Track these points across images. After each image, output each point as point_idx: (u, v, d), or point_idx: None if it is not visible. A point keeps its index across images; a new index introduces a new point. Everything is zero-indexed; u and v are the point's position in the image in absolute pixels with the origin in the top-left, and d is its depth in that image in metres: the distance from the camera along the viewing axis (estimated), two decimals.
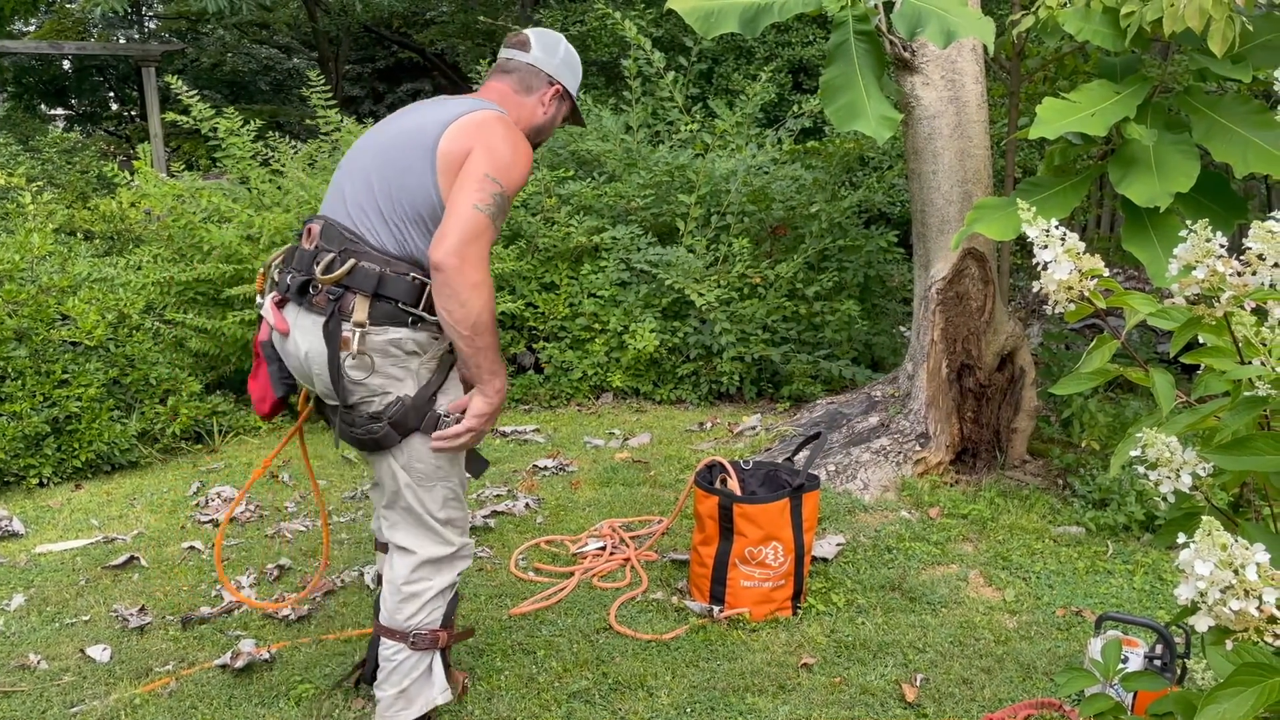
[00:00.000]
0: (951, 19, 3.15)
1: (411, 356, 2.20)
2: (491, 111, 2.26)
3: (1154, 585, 3.19)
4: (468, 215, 2.09)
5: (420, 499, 2.29)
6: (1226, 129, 3.26)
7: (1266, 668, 1.11)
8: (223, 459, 4.73)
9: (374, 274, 2.14)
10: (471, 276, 2.08)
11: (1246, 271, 1.27)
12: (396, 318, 2.16)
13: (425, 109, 2.31)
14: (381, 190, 2.20)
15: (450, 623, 2.39)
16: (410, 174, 2.18)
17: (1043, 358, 4.97)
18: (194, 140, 12.48)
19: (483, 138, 2.19)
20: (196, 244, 5.29)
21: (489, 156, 2.16)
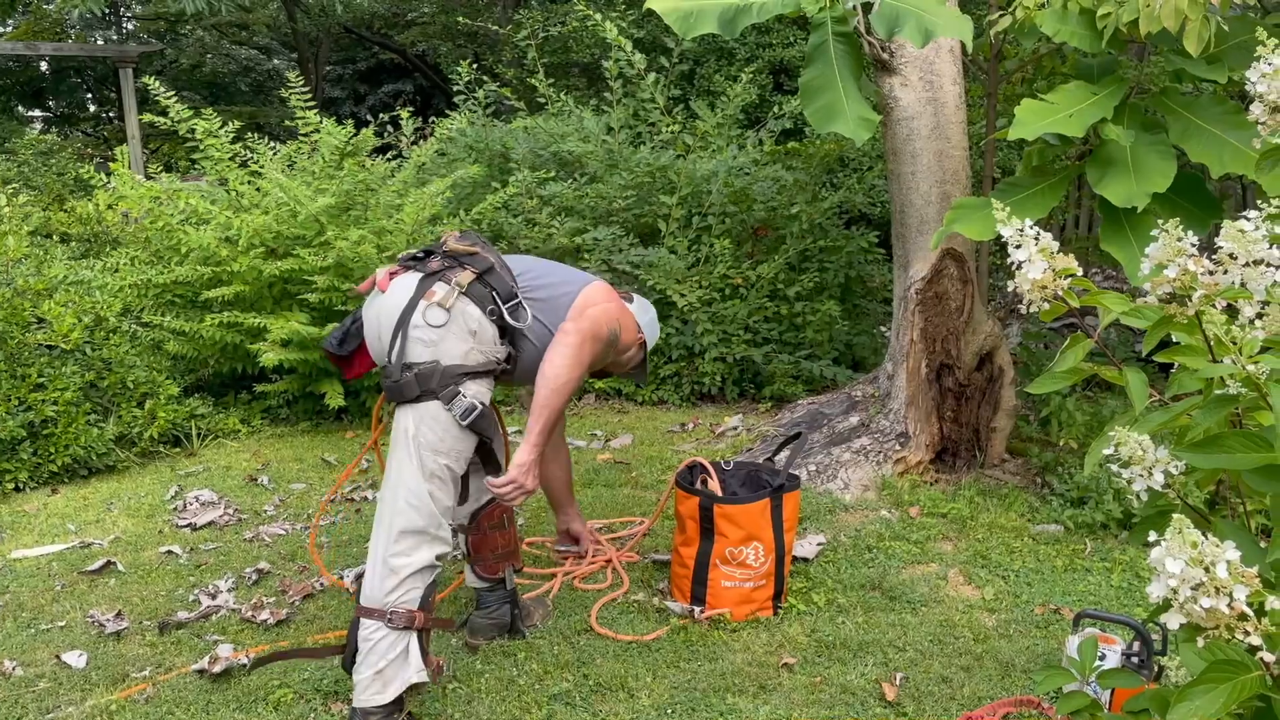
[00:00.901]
0: (929, 18, 3.16)
1: (470, 336, 2.48)
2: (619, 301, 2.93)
3: (1132, 583, 3.21)
4: (600, 322, 2.71)
5: (417, 454, 2.44)
6: (1202, 129, 3.28)
7: (1238, 665, 1.12)
8: (201, 462, 4.70)
9: (488, 262, 2.58)
10: (581, 356, 2.62)
11: (1218, 271, 1.28)
12: (483, 300, 2.51)
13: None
14: (532, 264, 2.81)
15: (428, 607, 2.45)
16: (561, 275, 2.83)
17: (1021, 357, 5.00)
18: (172, 142, 12.41)
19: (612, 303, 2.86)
20: (174, 246, 5.26)
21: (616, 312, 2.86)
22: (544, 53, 9.14)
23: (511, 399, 5.57)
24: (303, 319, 4.92)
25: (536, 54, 7.33)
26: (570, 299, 2.72)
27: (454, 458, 2.50)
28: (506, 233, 5.83)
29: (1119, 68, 3.52)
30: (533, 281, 2.69)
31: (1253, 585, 1.07)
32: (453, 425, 2.46)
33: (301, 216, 5.08)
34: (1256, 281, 1.25)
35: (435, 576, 2.49)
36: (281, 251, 5.11)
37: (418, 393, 2.44)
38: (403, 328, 2.47)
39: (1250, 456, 1.25)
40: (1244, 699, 1.11)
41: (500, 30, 10.43)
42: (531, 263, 2.82)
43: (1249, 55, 1.37)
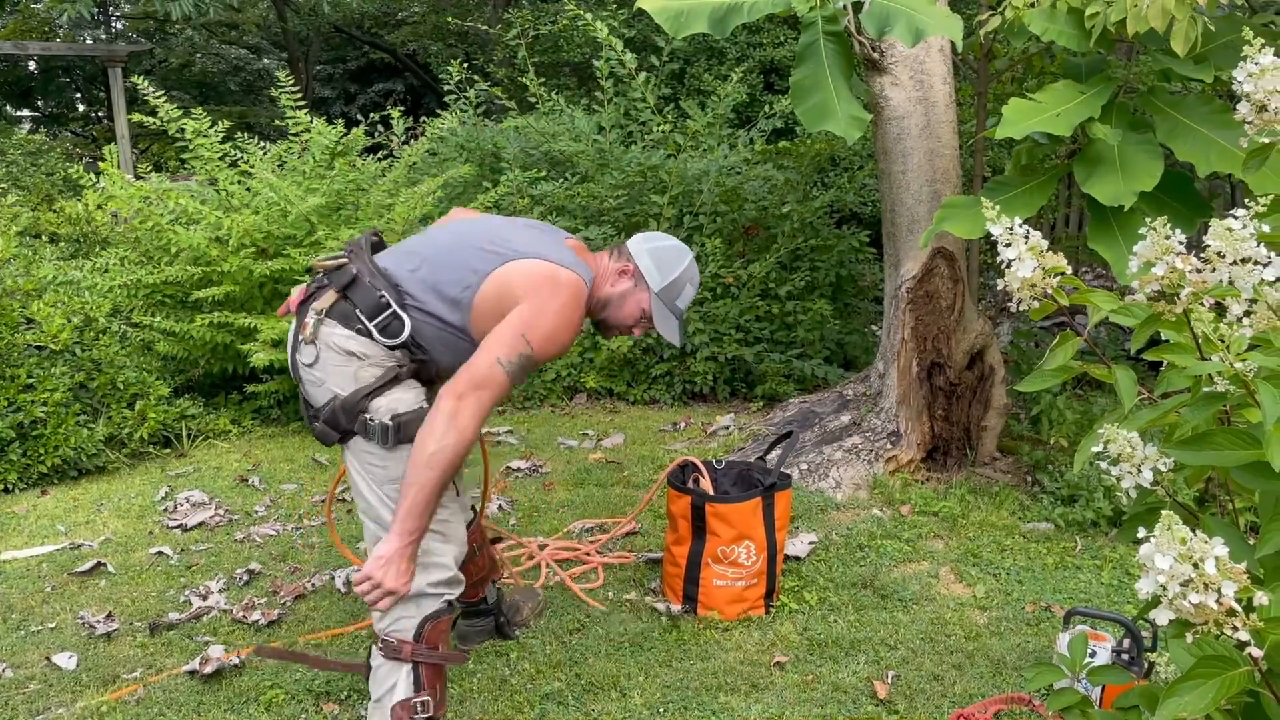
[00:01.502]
0: (920, 17, 3.17)
1: (350, 358, 2.20)
2: (566, 273, 2.25)
3: (1122, 580, 3.23)
4: (485, 365, 2.13)
5: (378, 491, 2.22)
6: (1189, 128, 3.30)
7: (1226, 660, 1.12)
8: (191, 463, 4.68)
9: (350, 275, 2.23)
10: (457, 419, 2.09)
11: (1206, 269, 1.28)
12: (349, 319, 2.21)
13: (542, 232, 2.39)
14: (436, 271, 2.27)
15: (422, 637, 2.22)
16: (464, 263, 2.26)
17: (1012, 356, 5.02)
18: (162, 141, 12.37)
19: (539, 297, 2.21)
20: (164, 246, 5.24)
21: (533, 318, 2.19)
22: (534, 52, 9.14)
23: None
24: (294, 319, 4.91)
25: (527, 53, 7.33)
26: (470, 296, 2.25)
27: None
28: None
29: (1107, 67, 3.53)
30: (428, 277, 2.26)
31: (1241, 581, 1.08)
32: (385, 452, 2.20)
33: (292, 216, 5.07)
34: (1244, 279, 1.25)
35: (435, 606, 2.23)
36: (272, 251, 5.10)
37: (337, 436, 2.22)
38: (294, 366, 2.27)
39: (1238, 453, 1.26)
40: (1233, 694, 1.12)
41: (490, 30, 10.42)
42: (433, 247, 2.34)
43: (1236, 55, 1.38)
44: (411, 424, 2.17)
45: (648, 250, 2.44)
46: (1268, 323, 1.25)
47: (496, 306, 2.23)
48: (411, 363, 2.26)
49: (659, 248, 2.45)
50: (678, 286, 2.44)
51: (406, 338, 2.22)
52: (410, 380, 2.26)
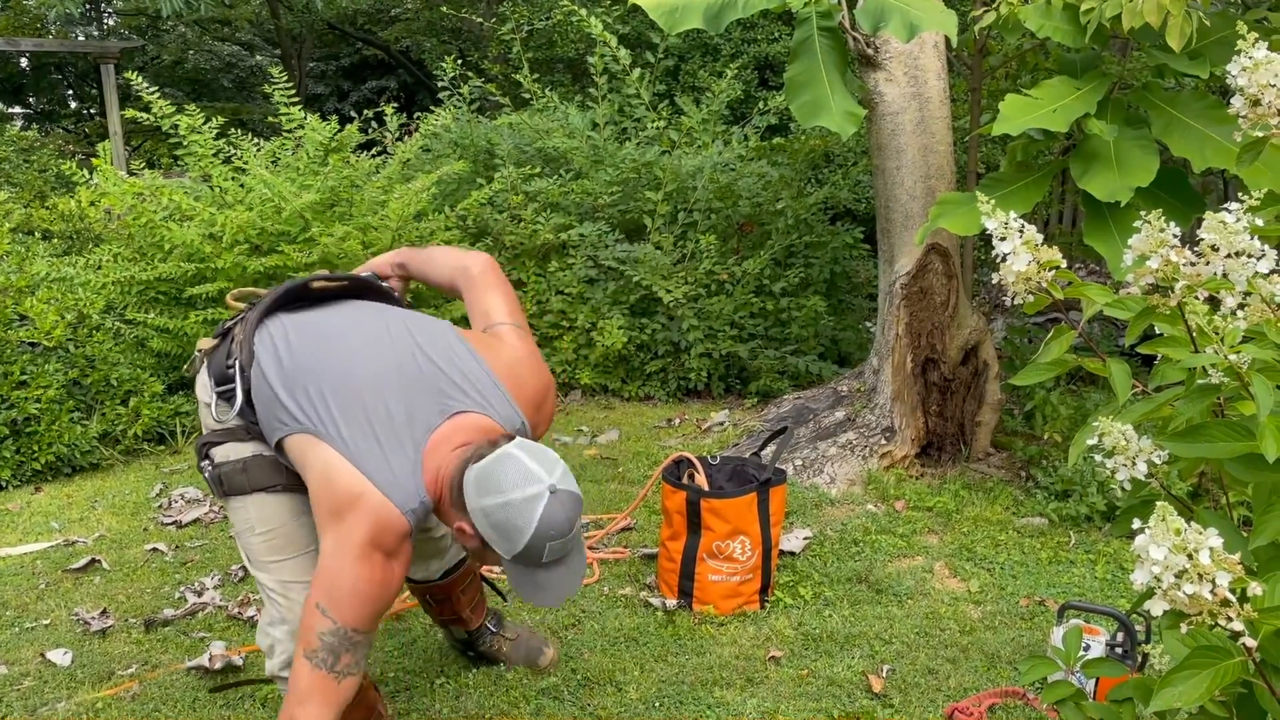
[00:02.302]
0: (914, 13, 3.18)
1: (204, 406, 2.10)
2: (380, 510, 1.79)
3: (1115, 574, 3.24)
4: (297, 671, 1.82)
5: (243, 552, 2.11)
6: (1184, 124, 3.31)
7: (1220, 650, 1.13)
8: (186, 460, 4.67)
9: (223, 329, 2.14)
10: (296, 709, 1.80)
11: (1200, 262, 1.29)
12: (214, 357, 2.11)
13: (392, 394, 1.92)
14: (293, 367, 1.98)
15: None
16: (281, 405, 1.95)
17: (1006, 351, 5.03)
18: (155, 138, 12.33)
19: (333, 537, 1.79)
20: (158, 243, 5.22)
21: (323, 574, 1.79)
22: (528, 48, 9.12)
23: None
24: None
25: (521, 49, 7.31)
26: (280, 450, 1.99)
27: (249, 531, 2.07)
28: (492, 229, 5.82)
29: (1102, 63, 3.54)
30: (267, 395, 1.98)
31: (1235, 572, 1.09)
32: (237, 508, 2.05)
33: (286, 213, 5.06)
34: (1238, 272, 1.26)
35: None
36: (266, 248, 5.09)
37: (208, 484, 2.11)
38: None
39: (1232, 445, 1.27)
40: (1226, 684, 1.12)
41: (484, 24, 10.40)
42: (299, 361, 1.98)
43: (1230, 50, 1.39)
44: (232, 475, 2.00)
45: (483, 509, 1.80)
46: (1261, 315, 1.25)
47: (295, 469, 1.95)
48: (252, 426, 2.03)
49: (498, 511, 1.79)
50: (533, 553, 1.81)
51: (230, 418, 2.02)
52: (256, 443, 2.04)
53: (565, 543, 1.83)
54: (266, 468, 2.02)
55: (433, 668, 2.79)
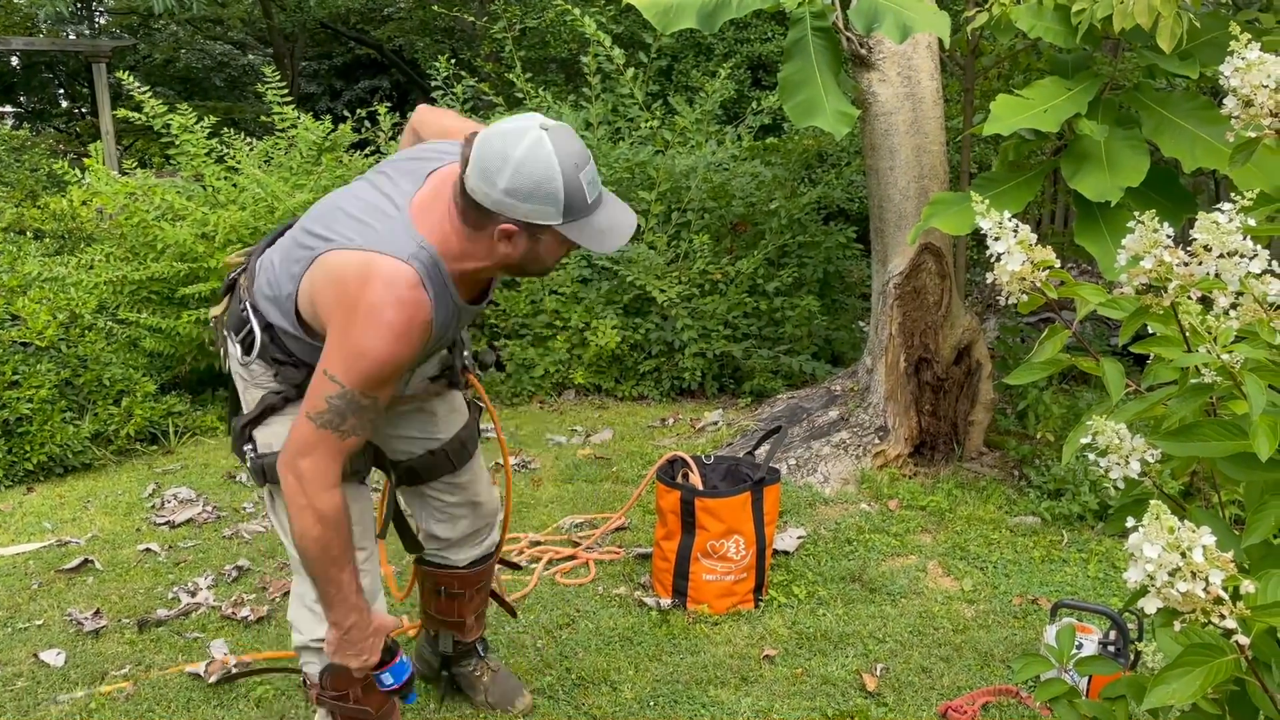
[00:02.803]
0: (908, 14, 3.19)
1: (237, 376, 2.01)
2: (386, 265, 1.74)
3: (1108, 573, 3.25)
4: (300, 427, 1.79)
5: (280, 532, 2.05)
6: (1175, 125, 3.32)
7: (1213, 648, 1.14)
8: (179, 460, 4.66)
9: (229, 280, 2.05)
10: (297, 499, 1.78)
11: (1193, 262, 1.29)
12: (237, 323, 1.99)
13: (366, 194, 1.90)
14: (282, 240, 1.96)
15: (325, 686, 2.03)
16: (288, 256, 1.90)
17: (999, 351, 5.04)
18: (147, 137, 12.29)
19: (340, 305, 1.75)
20: (150, 242, 5.21)
21: (335, 341, 1.77)
22: (521, 47, 9.12)
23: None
24: None
25: (514, 48, 7.31)
26: (292, 308, 1.90)
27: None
28: None
29: (1093, 63, 3.55)
30: (269, 277, 1.95)
31: (1228, 570, 1.09)
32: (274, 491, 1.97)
33: (279, 212, 5.06)
34: (1231, 272, 1.26)
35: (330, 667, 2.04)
36: None
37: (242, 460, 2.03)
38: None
39: (1225, 444, 1.27)
40: (1219, 682, 1.13)
41: (477, 23, 10.39)
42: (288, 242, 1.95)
43: (1221, 51, 1.40)
44: (275, 467, 1.90)
45: (506, 189, 1.72)
46: (1254, 315, 1.26)
47: (318, 324, 1.86)
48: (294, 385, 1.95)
49: (519, 179, 1.71)
50: (576, 196, 1.76)
51: (254, 356, 1.94)
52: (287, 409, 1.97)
53: (590, 169, 1.78)
54: None
55: None
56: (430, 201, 1.84)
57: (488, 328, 5.74)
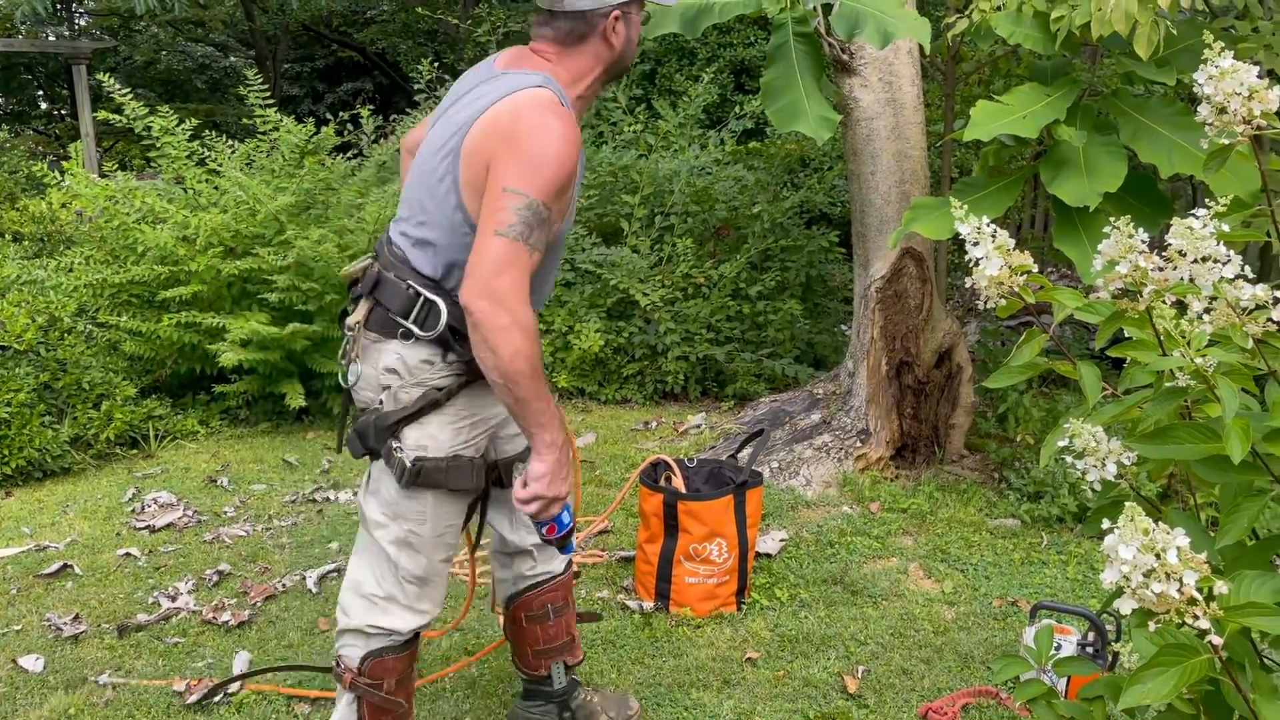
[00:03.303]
0: (889, 20, 3.21)
1: (391, 375, 1.98)
2: (525, 95, 1.89)
3: (1086, 575, 3.28)
4: (490, 247, 1.81)
5: (373, 528, 2.04)
6: (1152, 131, 3.35)
7: (1188, 648, 1.15)
8: (159, 464, 4.64)
9: (374, 278, 2.00)
10: (500, 319, 1.79)
11: (1168, 267, 1.31)
12: (387, 326, 1.97)
13: (477, 91, 1.97)
14: (416, 193, 2.00)
15: (363, 671, 2.05)
16: (438, 181, 1.94)
17: (979, 354, 5.07)
18: (127, 139, 12.22)
19: (504, 139, 1.86)
20: (130, 245, 5.18)
21: (510, 164, 1.84)
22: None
23: None
24: (263, 319, 4.88)
25: (497, 51, 7.31)
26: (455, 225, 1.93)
27: (418, 522, 2.01)
28: None
29: (1072, 70, 3.59)
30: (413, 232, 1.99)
31: (1202, 571, 1.10)
32: (399, 488, 1.99)
33: (261, 215, 5.04)
34: (1204, 277, 1.28)
35: (381, 644, 2.05)
36: (240, 250, 5.06)
37: (363, 451, 2.02)
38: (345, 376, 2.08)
39: (1199, 447, 1.29)
40: (1194, 682, 1.14)
41: (460, 26, 10.38)
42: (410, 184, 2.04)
43: (1197, 58, 1.41)
44: (434, 473, 1.96)
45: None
46: (1227, 320, 1.28)
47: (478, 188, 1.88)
48: (460, 373, 1.99)
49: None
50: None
51: (443, 328, 1.93)
52: (455, 409, 2.01)
53: None
54: (465, 471, 2.02)
55: None
56: (526, 59, 2.00)
57: None
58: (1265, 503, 1.25)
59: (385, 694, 2.07)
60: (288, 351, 4.90)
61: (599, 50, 1.99)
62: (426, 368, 1.97)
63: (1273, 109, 1.36)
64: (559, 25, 1.97)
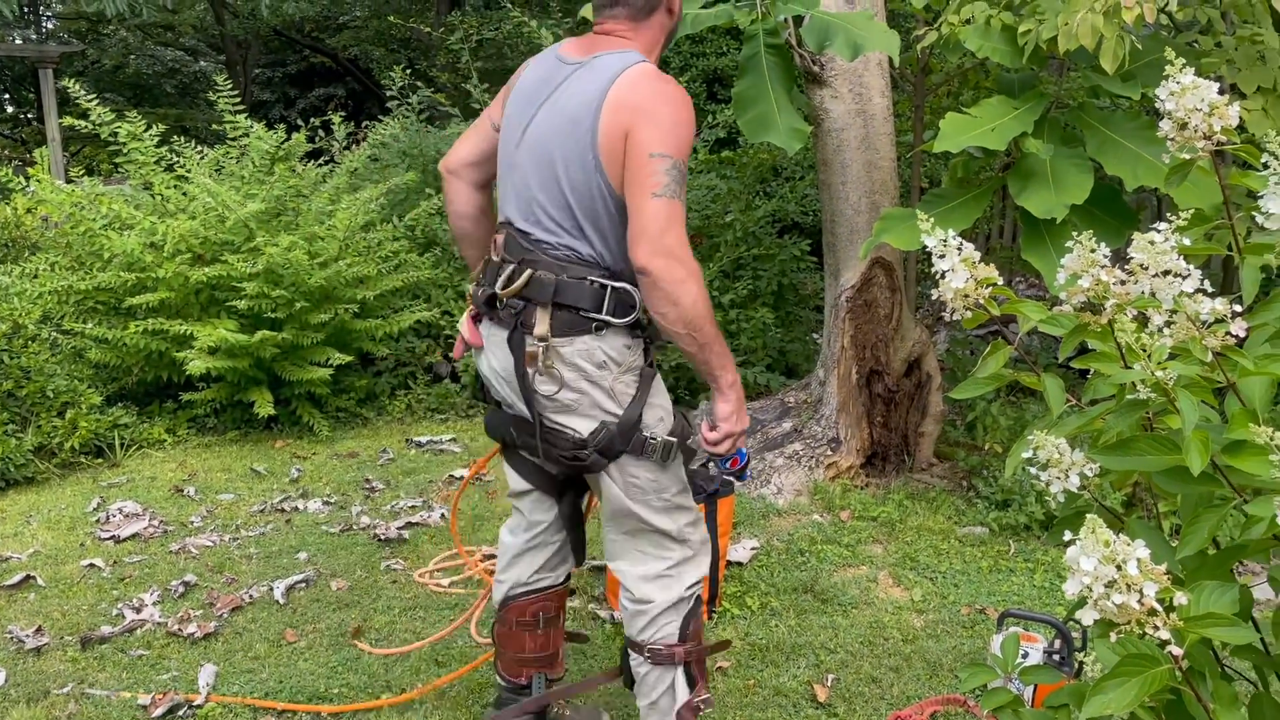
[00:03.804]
0: (858, 33, 3.23)
1: (603, 370, 2.03)
2: (636, 69, 2.00)
3: (1053, 583, 3.30)
4: (651, 209, 1.93)
5: (643, 516, 2.13)
6: (1118, 144, 3.39)
7: (1148, 658, 1.16)
8: (125, 473, 4.58)
9: (550, 282, 2.01)
10: (676, 272, 1.93)
11: (1130, 280, 1.33)
12: (578, 325, 2.02)
13: (574, 78, 2.04)
14: (549, 187, 2.04)
15: (688, 636, 2.19)
16: (575, 166, 2.00)
17: (948, 363, 5.11)
18: (94, 144, 12.09)
19: (635, 112, 1.96)
20: (96, 252, 5.12)
21: (649, 130, 1.95)
22: (478, 58, 9.10)
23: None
24: (231, 326, 4.84)
25: (470, 59, 7.30)
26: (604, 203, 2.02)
27: (675, 479, 2.16)
28: (441, 239, 5.79)
29: (1039, 83, 3.63)
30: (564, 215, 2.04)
31: (1162, 582, 1.12)
32: (658, 468, 2.11)
33: (230, 222, 5.00)
34: (1165, 291, 1.30)
35: (690, 605, 2.20)
36: (209, 257, 5.01)
37: (607, 463, 2.09)
38: (531, 399, 2.06)
39: (1160, 459, 1.30)
40: (1155, 691, 1.16)
41: (433, 33, 10.36)
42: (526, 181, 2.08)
43: (1161, 72, 1.43)
44: (681, 436, 2.13)
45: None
46: (1187, 333, 1.30)
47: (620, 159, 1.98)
48: (648, 344, 2.11)
49: None
50: None
51: (639, 307, 2.03)
52: (658, 387, 2.16)
53: None
54: (684, 422, 2.21)
55: (377, 683, 2.77)
56: (607, 41, 2.09)
57: (443, 339, 5.71)
58: (1225, 514, 1.27)
59: (707, 648, 2.28)
60: (256, 359, 4.86)
61: (663, 20, 2.13)
62: (629, 351, 2.07)
63: (1233, 125, 1.38)
64: (632, 2, 2.07)
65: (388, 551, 3.67)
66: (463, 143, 2.29)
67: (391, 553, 3.65)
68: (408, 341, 5.67)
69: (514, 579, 2.37)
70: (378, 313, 5.44)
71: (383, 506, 4.13)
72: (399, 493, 4.28)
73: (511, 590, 2.38)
